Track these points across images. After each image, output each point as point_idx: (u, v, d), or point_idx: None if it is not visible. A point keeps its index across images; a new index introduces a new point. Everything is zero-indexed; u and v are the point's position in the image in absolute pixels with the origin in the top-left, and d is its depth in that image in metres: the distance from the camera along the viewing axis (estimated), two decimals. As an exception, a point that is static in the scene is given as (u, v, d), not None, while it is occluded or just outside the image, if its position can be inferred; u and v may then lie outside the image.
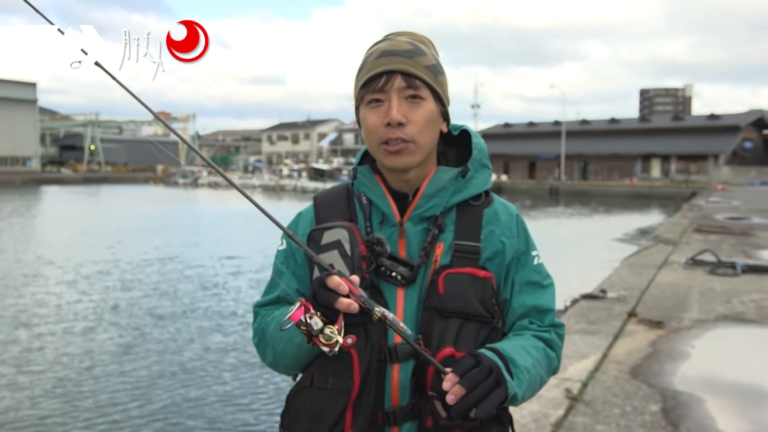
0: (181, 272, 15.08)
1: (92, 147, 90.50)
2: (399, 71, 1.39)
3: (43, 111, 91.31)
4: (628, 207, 42.17)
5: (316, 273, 1.41)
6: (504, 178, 66.61)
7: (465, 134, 1.57)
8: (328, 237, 1.42)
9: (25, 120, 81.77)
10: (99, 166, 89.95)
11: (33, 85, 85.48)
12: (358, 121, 1.49)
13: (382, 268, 1.41)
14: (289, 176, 69.64)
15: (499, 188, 59.90)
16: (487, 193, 1.53)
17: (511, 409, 4.20)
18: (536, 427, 3.79)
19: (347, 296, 1.21)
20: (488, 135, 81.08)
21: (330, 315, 1.21)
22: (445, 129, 1.51)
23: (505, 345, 1.38)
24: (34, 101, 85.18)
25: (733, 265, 9.34)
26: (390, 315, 1.23)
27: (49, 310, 11.28)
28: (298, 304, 1.21)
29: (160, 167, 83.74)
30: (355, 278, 1.25)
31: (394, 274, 1.41)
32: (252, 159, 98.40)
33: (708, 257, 10.02)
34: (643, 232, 23.83)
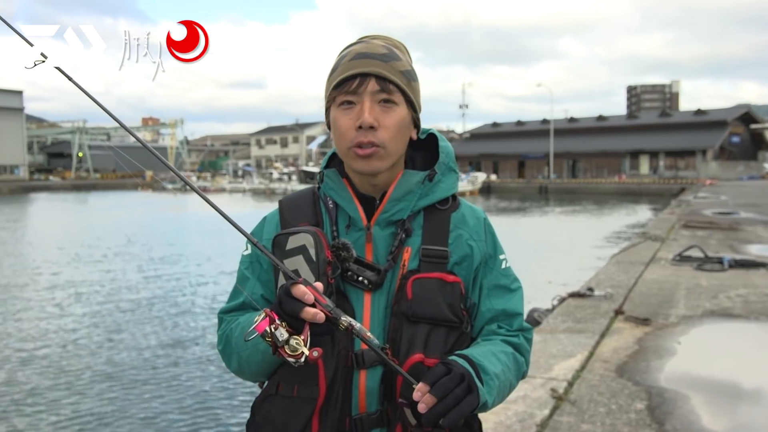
0: (161, 286, 14.64)
1: (80, 154, 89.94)
2: (373, 74, 1.37)
3: (30, 119, 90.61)
4: (617, 204, 42.34)
5: (282, 279, 1.39)
6: (493, 177, 66.73)
7: (432, 138, 1.56)
8: (293, 242, 1.39)
9: (12, 128, 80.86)
10: (87, 173, 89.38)
11: (19, 93, 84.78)
12: (328, 124, 1.48)
13: (349, 273, 1.40)
14: (279, 180, 69.45)
15: (488, 188, 60.07)
16: (454, 197, 1.52)
17: (496, 410, 4.16)
18: (521, 428, 3.77)
19: (313, 305, 1.19)
20: (477, 135, 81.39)
21: (296, 325, 1.20)
22: (415, 136, 1.50)
23: (474, 351, 1.37)
24: (20, 109, 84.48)
25: (720, 261, 9.38)
26: (357, 325, 1.21)
27: (29, 327, 11.12)
28: (263, 315, 1.20)
29: (149, 173, 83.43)
30: (319, 285, 1.24)
31: (360, 278, 1.39)
32: (241, 163, 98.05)
33: (695, 253, 10.05)
34: (632, 229, 23.93)
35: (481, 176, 61.16)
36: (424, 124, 1.55)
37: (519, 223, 32.03)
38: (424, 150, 1.56)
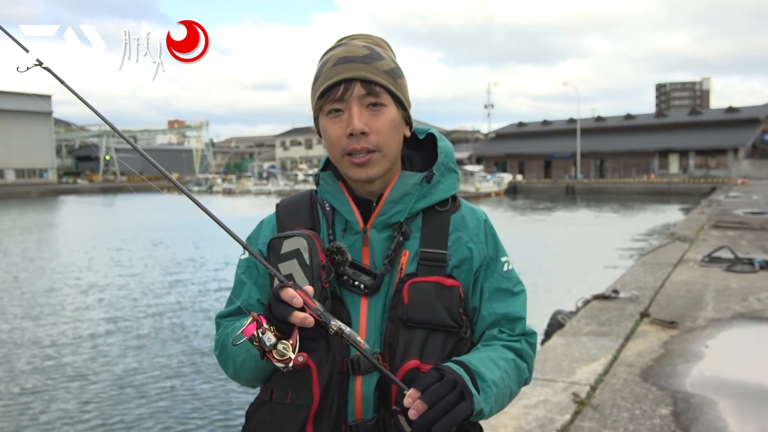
0: (185, 290, 14.69)
1: (107, 157, 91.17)
2: (358, 78, 1.34)
3: (59, 122, 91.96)
4: (646, 204, 41.77)
5: (276, 283, 1.36)
6: (519, 178, 66.30)
7: (431, 138, 1.52)
8: (287, 246, 1.37)
9: (41, 132, 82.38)
10: (115, 176, 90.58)
11: (48, 97, 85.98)
12: (318, 131, 1.45)
13: (345, 278, 1.37)
14: (305, 181, 69.71)
15: (515, 188, 59.69)
16: (454, 198, 1.49)
17: (516, 414, 4.07)
18: (541, 434, 3.67)
19: (302, 309, 1.16)
20: (503, 135, 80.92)
21: (285, 329, 1.17)
22: (408, 133, 1.47)
23: (472, 358, 1.32)
24: (49, 113, 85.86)
25: (750, 262, 9.14)
26: (347, 329, 1.18)
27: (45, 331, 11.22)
28: (250, 319, 1.17)
29: (175, 175, 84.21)
30: (310, 289, 1.21)
31: (357, 283, 1.37)
32: (266, 165, 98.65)
33: (725, 254, 9.82)
34: (661, 230, 23.55)
35: (507, 177, 60.83)
36: (448, 125, 1.49)
37: (545, 224, 31.74)
38: (423, 151, 1.53)
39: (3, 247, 23.44)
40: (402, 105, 1.41)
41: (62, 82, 1.29)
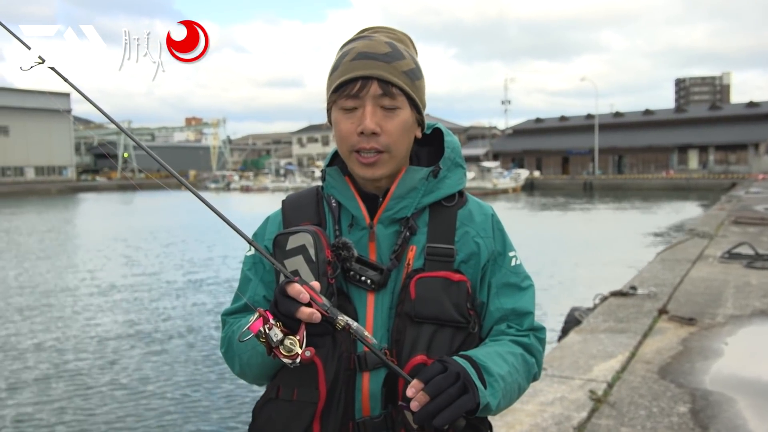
0: (205, 290, 14.69)
1: (126, 155, 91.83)
2: (375, 77, 1.32)
3: (77, 120, 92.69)
4: (665, 200, 41.38)
5: (282, 279, 1.35)
6: (537, 174, 65.94)
7: (438, 133, 1.50)
8: (293, 242, 1.36)
9: (60, 129, 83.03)
10: (132, 174, 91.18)
11: (67, 95, 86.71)
12: (330, 122, 1.44)
13: (351, 273, 1.36)
14: (321, 178, 69.68)
15: (532, 184, 59.39)
16: (461, 193, 1.47)
17: (532, 411, 4.04)
18: (557, 431, 3.65)
19: (309, 305, 1.16)
20: (520, 130, 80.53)
21: (291, 325, 1.17)
22: (419, 135, 1.46)
23: (479, 352, 1.31)
24: (68, 111, 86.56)
25: (771, 258, 9.02)
26: (354, 324, 1.18)
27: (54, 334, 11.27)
28: (257, 315, 1.17)
29: (192, 172, 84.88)
30: (316, 285, 1.20)
31: (363, 278, 1.35)
32: (283, 162, 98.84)
33: (745, 250, 9.70)
34: (680, 226, 23.32)
35: (523, 173, 60.55)
36: (464, 121, 1.48)
37: (562, 220, 31.56)
38: (429, 146, 1.51)
39: (21, 245, 23.69)
40: (417, 107, 1.39)
41: (65, 79, 1.29)
